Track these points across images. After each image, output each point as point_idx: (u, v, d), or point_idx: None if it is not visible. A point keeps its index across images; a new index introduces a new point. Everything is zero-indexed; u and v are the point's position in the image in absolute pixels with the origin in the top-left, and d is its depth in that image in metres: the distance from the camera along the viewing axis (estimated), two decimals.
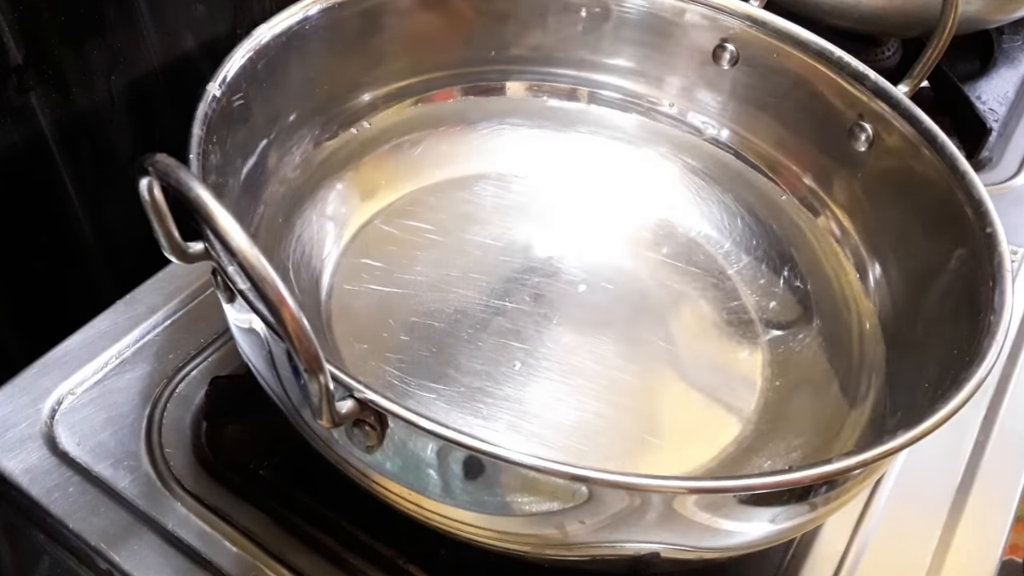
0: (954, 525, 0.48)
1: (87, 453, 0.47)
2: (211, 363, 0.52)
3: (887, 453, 0.34)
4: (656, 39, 0.59)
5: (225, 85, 0.44)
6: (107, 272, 0.63)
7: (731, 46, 0.57)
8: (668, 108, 0.61)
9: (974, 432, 0.52)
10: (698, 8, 0.57)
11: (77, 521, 0.45)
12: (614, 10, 0.59)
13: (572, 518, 0.34)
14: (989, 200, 0.44)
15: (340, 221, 0.54)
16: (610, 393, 0.49)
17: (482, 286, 0.53)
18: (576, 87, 0.62)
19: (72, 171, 0.57)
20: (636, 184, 0.60)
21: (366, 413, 0.33)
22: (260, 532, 0.45)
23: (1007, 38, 0.82)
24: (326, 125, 0.55)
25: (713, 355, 0.52)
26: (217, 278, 0.38)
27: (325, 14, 0.51)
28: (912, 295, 0.48)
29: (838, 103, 0.53)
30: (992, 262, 0.42)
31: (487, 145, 0.60)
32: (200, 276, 0.56)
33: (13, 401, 0.49)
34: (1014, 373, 0.55)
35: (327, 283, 0.51)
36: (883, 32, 0.76)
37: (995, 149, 0.72)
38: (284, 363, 0.36)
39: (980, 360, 0.37)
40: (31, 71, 0.52)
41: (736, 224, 0.58)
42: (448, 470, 0.34)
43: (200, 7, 0.61)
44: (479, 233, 0.56)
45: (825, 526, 0.47)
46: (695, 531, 0.35)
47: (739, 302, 0.54)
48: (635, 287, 0.55)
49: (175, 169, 0.30)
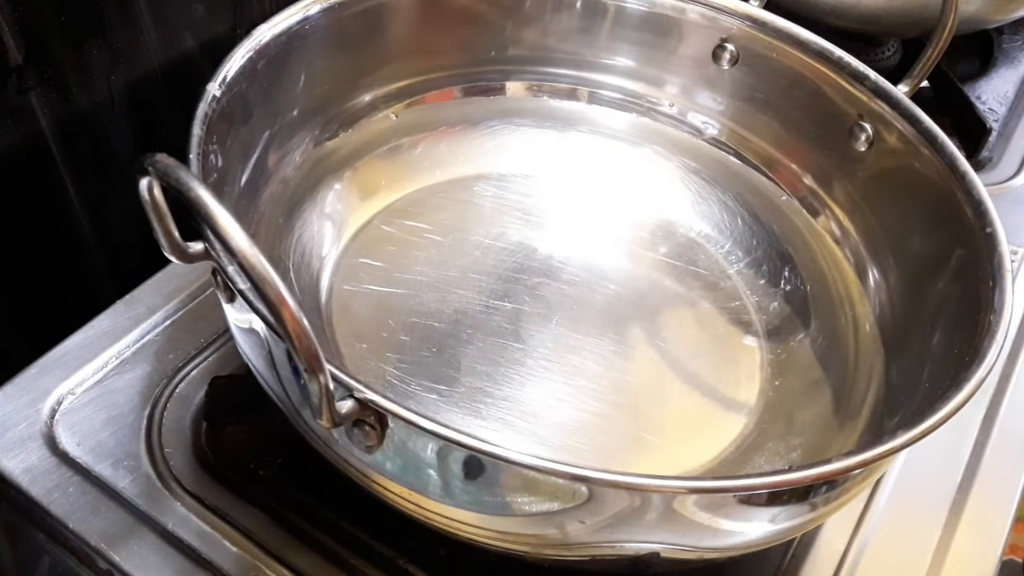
0: (954, 525, 0.48)
1: (87, 453, 0.47)
2: (211, 363, 0.52)
3: (887, 453, 0.34)
4: (656, 39, 0.59)
5: (225, 85, 0.44)
6: (107, 272, 0.63)
7: (731, 46, 0.57)
8: (668, 108, 0.61)
9: (974, 432, 0.52)
10: (698, 8, 0.57)
11: (77, 521, 0.45)
12: (614, 9, 0.59)
13: (572, 518, 0.34)
14: (989, 200, 0.44)
15: (340, 221, 0.54)
16: (610, 393, 0.49)
17: (482, 286, 0.53)
18: (576, 87, 0.62)
19: (72, 171, 0.57)
20: (636, 184, 0.60)
21: (366, 413, 0.33)
22: (260, 532, 0.45)
23: (1007, 38, 0.82)
24: (326, 125, 0.55)
25: (713, 355, 0.52)
26: (217, 278, 0.38)
27: (325, 14, 0.51)
28: (912, 295, 0.48)
29: (838, 103, 0.53)
30: (992, 262, 0.42)
31: (487, 145, 0.60)
32: (200, 276, 0.56)
33: (13, 401, 0.49)
34: (1014, 373, 0.55)
35: (327, 283, 0.51)
36: (883, 32, 0.76)
37: (995, 149, 0.72)
38: (284, 363, 0.36)
39: (980, 360, 0.37)
40: (31, 71, 0.52)
41: (736, 224, 0.58)
42: (448, 470, 0.34)
43: (200, 7, 0.61)
44: (479, 233, 0.56)
45: (825, 526, 0.47)
46: (695, 531, 0.35)
47: (739, 302, 0.54)
48: (635, 287, 0.55)
49: (175, 169, 0.30)
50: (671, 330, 0.53)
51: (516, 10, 0.59)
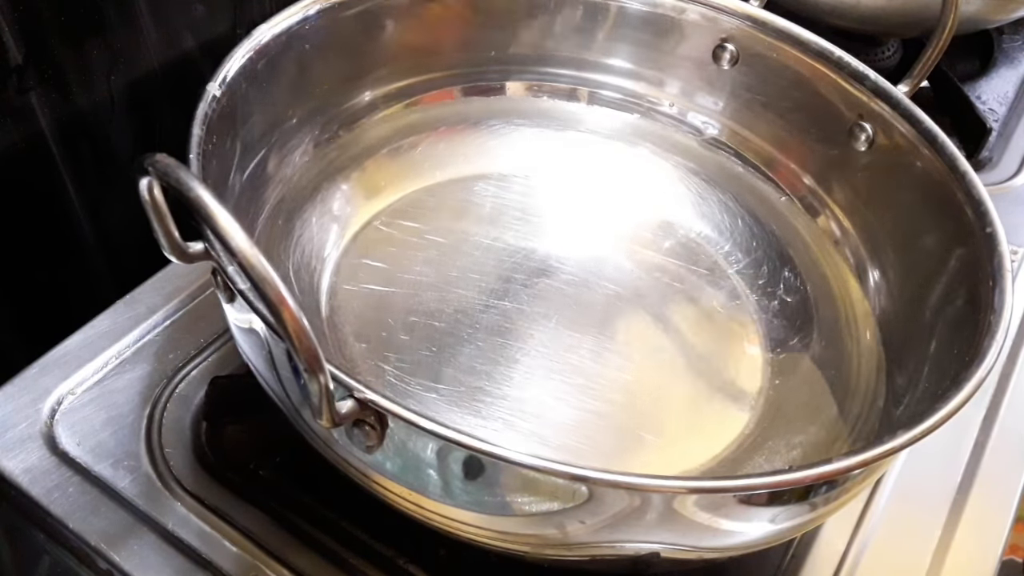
0: (954, 525, 0.48)
1: (87, 453, 0.47)
2: (211, 363, 0.52)
3: (887, 453, 0.34)
4: (656, 39, 0.59)
5: (225, 85, 0.44)
6: (107, 272, 0.63)
7: (731, 46, 0.57)
8: (668, 108, 0.61)
9: (974, 432, 0.52)
10: (698, 8, 0.57)
11: (77, 521, 0.45)
12: (614, 10, 0.59)
13: (572, 518, 0.34)
14: (989, 200, 0.44)
15: (340, 221, 0.54)
16: (610, 392, 0.49)
17: (481, 286, 0.53)
18: (576, 87, 0.62)
19: (72, 171, 0.57)
20: (636, 184, 0.60)
21: (366, 413, 0.33)
22: (260, 532, 0.45)
23: (1007, 38, 0.82)
24: (326, 125, 0.55)
25: (713, 354, 0.52)
26: (217, 278, 0.38)
27: (325, 14, 0.51)
28: (912, 295, 0.48)
29: (838, 103, 0.53)
30: (992, 262, 0.42)
31: (487, 145, 0.60)
32: (200, 276, 0.56)
33: (13, 401, 0.49)
34: (1014, 373, 0.55)
35: (327, 283, 0.51)
36: (883, 32, 0.76)
37: (995, 149, 0.72)
38: (284, 363, 0.36)
39: (980, 360, 0.37)
40: (31, 71, 0.52)
41: (736, 224, 0.58)
42: (448, 470, 0.34)
43: (200, 7, 0.61)
44: (479, 233, 0.56)
45: (825, 526, 0.47)
46: (695, 531, 0.35)
47: (739, 302, 0.54)
48: (634, 287, 0.55)
49: (175, 169, 0.30)
50: (671, 330, 0.53)
51: (516, 10, 0.59)
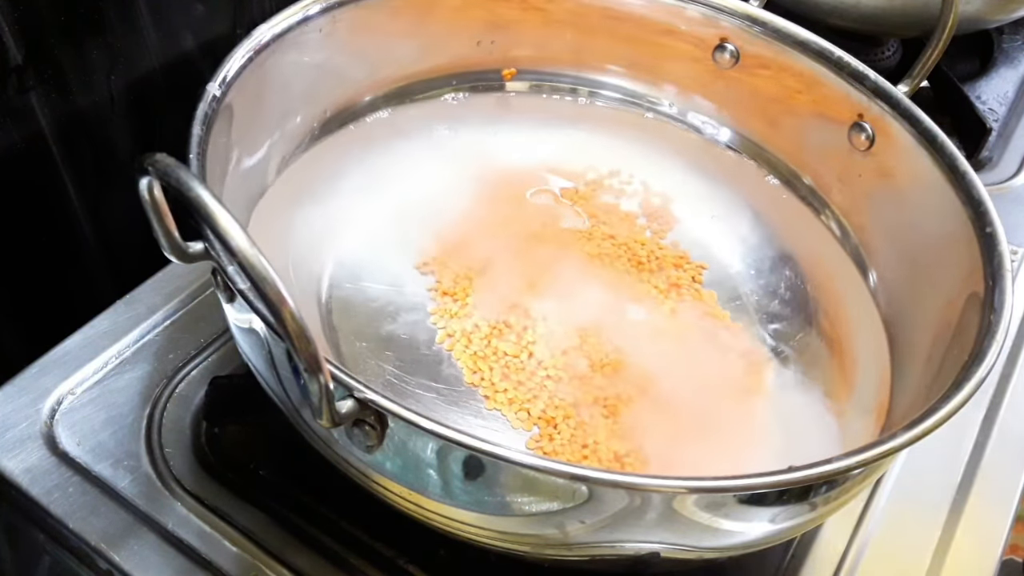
0: (954, 525, 0.48)
1: (87, 453, 0.47)
2: (211, 363, 0.52)
3: (887, 453, 0.34)
4: (656, 38, 0.59)
5: (225, 85, 0.44)
6: (107, 272, 0.63)
7: (731, 46, 0.57)
8: (668, 108, 0.61)
9: (974, 432, 0.52)
10: (698, 7, 0.57)
11: (77, 521, 0.45)
12: (613, 9, 0.59)
13: (572, 518, 0.34)
14: (989, 200, 0.44)
15: (340, 220, 0.54)
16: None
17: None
18: (576, 87, 0.62)
19: (72, 171, 0.57)
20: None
21: (366, 413, 0.33)
22: (260, 532, 0.45)
23: (1007, 38, 0.82)
24: (326, 125, 0.55)
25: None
26: (217, 278, 0.38)
27: (325, 14, 0.51)
28: (912, 294, 0.48)
29: (838, 103, 0.53)
30: (992, 262, 0.42)
31: (487, 145, 0.60)
32: (200, 276, 0.56)
33: (13, 401, 0.49)
34: (1014, 373, 0.55)
35: (327, 283, 0.51)
36: (883, 32, 0.76)
37: (995, 149, 0.72)
38: (284, 363, 0.36)
39: (980, 360, 0.37)
40: (31, 71, 0.52)
41: (736, 223, 0.58)
42: (448, 470, 0.34)
43: (200, 7, 0.61)
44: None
45: (825, 526, 0.47)
46: (695, 531, 0.35)
47: (739, 301, 0.54)
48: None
49: (175, 169, 0.30)
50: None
51: (515, 9, 0.59)
